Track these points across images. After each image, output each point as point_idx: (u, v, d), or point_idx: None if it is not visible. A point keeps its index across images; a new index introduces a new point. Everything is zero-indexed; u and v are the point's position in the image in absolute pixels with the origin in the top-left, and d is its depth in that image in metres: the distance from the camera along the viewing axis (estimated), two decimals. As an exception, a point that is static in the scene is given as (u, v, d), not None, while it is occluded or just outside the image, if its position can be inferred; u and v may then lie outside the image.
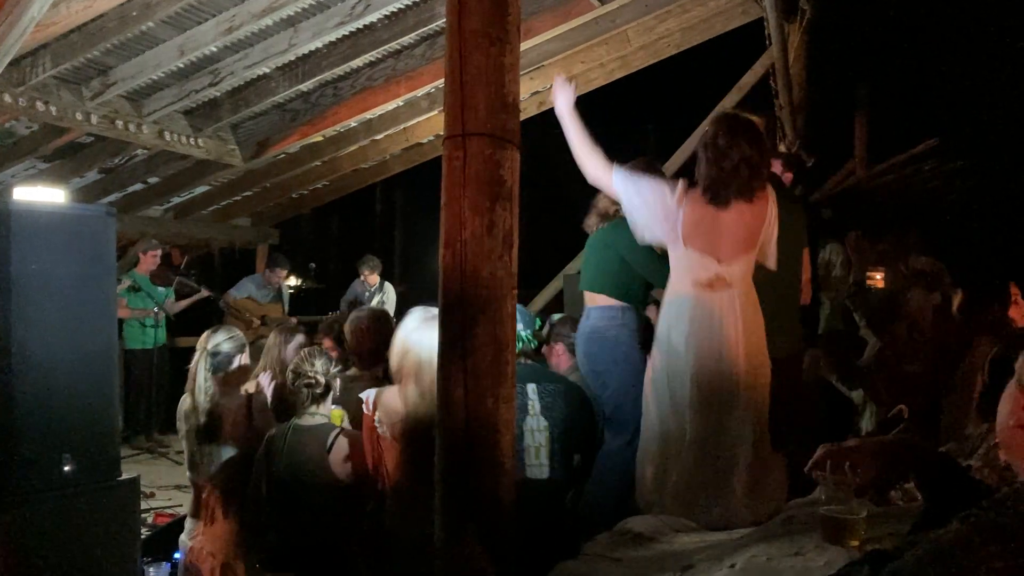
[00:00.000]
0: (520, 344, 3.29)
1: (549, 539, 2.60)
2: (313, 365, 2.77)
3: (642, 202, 2.96)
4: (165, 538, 3.80)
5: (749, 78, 6.85)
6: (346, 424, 3.07)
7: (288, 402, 2.93)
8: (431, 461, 2.15)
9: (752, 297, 2.99)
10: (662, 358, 3.01)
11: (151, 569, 3.32)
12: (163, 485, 5.27)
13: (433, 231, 2.29)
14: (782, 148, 6.68)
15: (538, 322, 3.94)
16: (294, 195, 8.60)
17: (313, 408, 2.78)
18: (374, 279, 7.91)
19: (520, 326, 3.32)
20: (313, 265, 11.16)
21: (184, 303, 7.24)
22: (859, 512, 1.42)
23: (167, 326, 7.02)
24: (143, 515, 4.42)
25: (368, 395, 2.65)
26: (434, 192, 2.23)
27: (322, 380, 2.76)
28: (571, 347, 3.99)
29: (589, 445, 3.51)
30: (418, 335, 2.59)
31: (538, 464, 3.22)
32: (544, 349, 4.05)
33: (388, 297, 7.89)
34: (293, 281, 19.72)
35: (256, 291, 7.43)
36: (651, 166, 3.51)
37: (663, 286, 3.23)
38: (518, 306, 3.50)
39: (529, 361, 3.40)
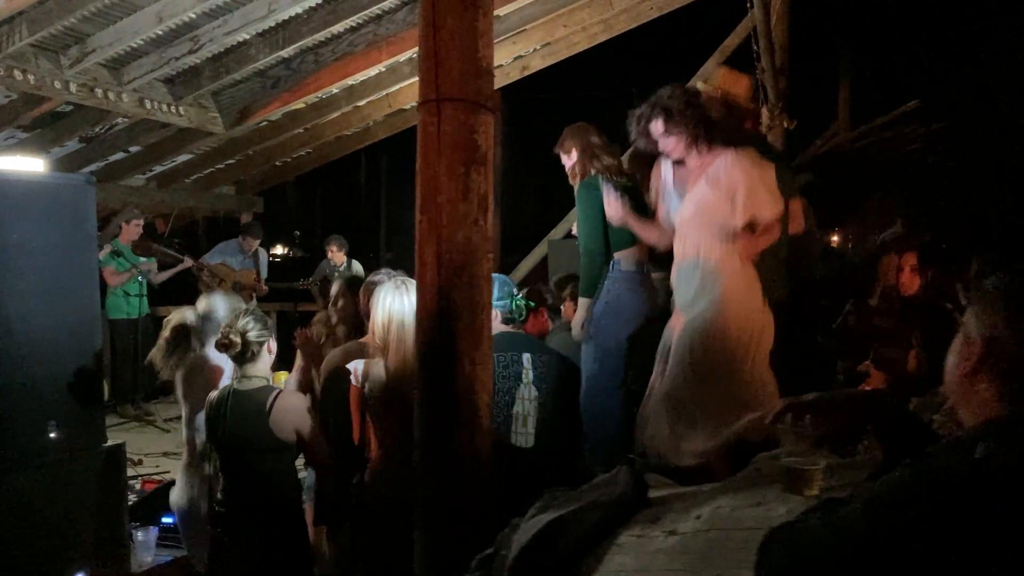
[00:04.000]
0: (518, 313, 3.34)
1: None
2: (235, 326, 2.72)
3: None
4: (153, 503, 3.85)
5: (732, 40, 6.85)
6: (292, 385, 3.10)
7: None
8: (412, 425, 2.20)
9: (741, 253, 3.11)
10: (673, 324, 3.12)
11: (139, 533, 3.37)
12: (150, 452, 5.31)
13: None
14: (764, 111, 6.70)
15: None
16: (277, 163, 8.56)
17: (250, 370, 2.75)
18: (341, 257, 7.93)
19: (517, 295, 3.37)
20: (298, 233, 11.14)
21: (167, 273, 7.23)
22: (819, 463, 1.47)
23: (148, 296, 7.02)
24: (131, 482, 4.47)
25: (355, 366, 2.68)
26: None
27: (237, 340, 2.71)
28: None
29: (574, 418, 3.54)
30: (398, 304, 2.63)
31: (524, 432, 3.27)
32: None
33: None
34: (281, 250, 19.71)
35: (230, 257, 7.43)
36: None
37: (588, 254, 3.49)
38: (503, 276, 3.56)
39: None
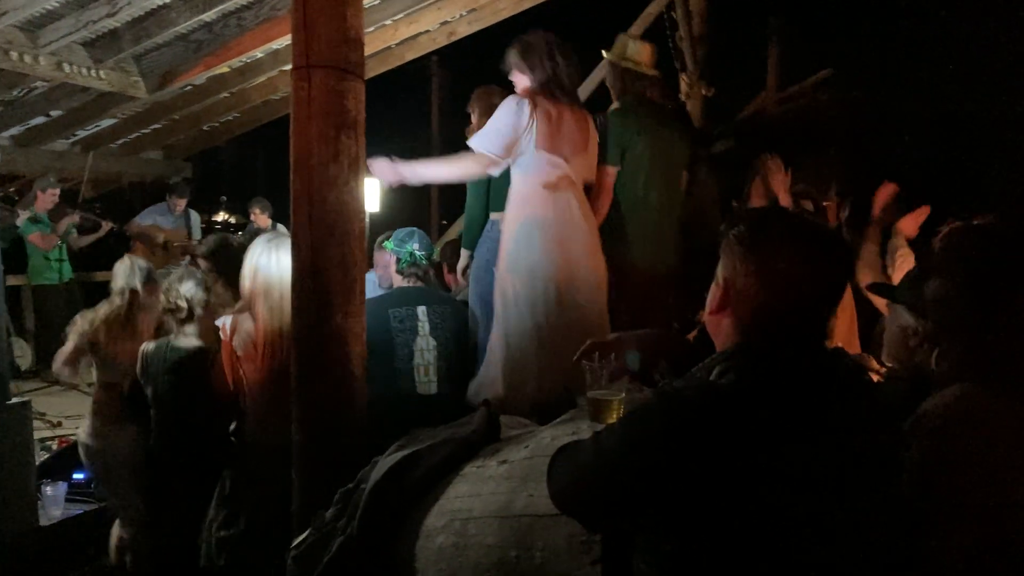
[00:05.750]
0: (414, 266, 3.48)
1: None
2: (177, 289, 2.88)
3: (498, 135, 3.22)
4: (64, 461, 3.95)
5: (653, 8, 6.99)
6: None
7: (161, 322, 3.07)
8: (284, 375, 2.35)
9: (585, 199, 3.35)
10: (513, 277, 3.27)
11: (48, 488, 3.48)
12: (71, 415, 5.38)
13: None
14: (683, 79, 6.88)
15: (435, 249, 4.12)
16: (205, 127, 8.52)
17: (188, 329, 2.91)
18: (265, 220, 7.97)
19: (416, 246, 3.51)
20: (224, 198, 11.11)
21: (90, 238, 7.24)
22: (619, 394, 1.65)
23: (70, 261, 7.02)
24: (48, 442, 4.57)
25: (224, 321, 2.81)
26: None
27: (183, 305, 2.88)
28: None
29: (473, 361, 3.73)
30: (265, 258, 2.74)
31: (427, 381, 3.43)
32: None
33: None
34: (222, 216, 19.49)
35: (160, 218, 7.45)
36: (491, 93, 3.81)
37: (470, 211, 3.71)
38: (418, 231, 3.71)
39: (420, 284, 3.60)
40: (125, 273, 3.38)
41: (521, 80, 3.36)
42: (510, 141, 3.21)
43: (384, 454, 2.10)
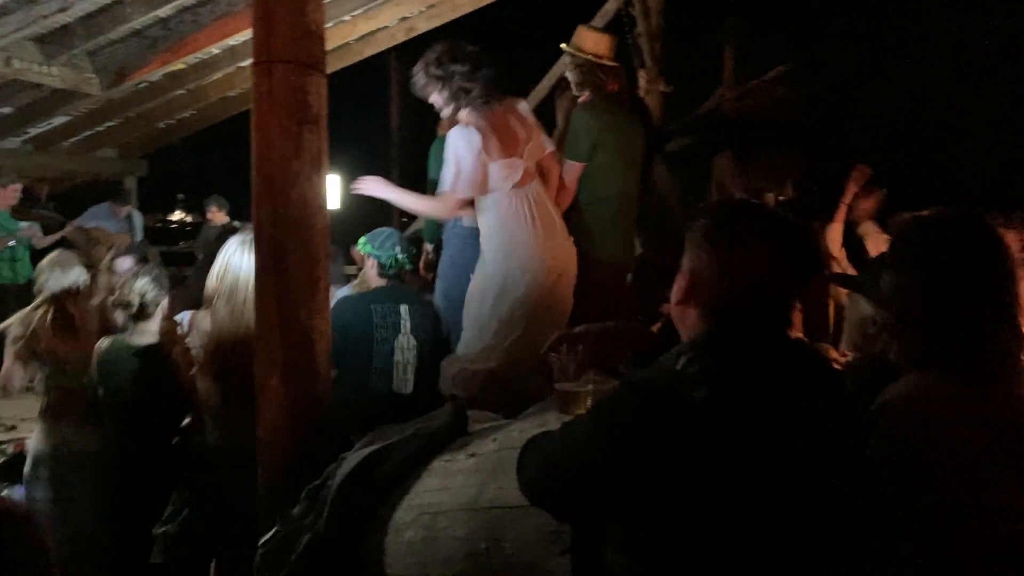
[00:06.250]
0: (395, 266, 3.48)
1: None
2: (131, 286, 2.86)
3: (466, 178, 3.27)
4: (21, 464, 3.86)
5: (611, 4, 7.03)
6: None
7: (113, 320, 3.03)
8: (241, 376, 2.33)
9: (548, 193, 3.43)
10: (485, 280, 3.30)
11: (3, 492, 3.40)
12: (26, 418, 5.26)
13: None
14: (641, 75, 6.93)
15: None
16: (161, 125, 8.40)
17: (143, 327, 2.88)
18: (222, 218, 7.89)
19: (399, 250, 3.51)
20: (181, 196, 10.96)
21: (53, 237, 7.09)
22: (587, 386, 1.67)
23: (30, 260, 6.88)
24: (3, 445, 4.47)
25: (182, 317, 2.78)
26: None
27: (135, 301, 2.84)
28: None
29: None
30: (237, 258, 2.71)
31: (405, 379, 3.44)
32: None
33: None
34: (178, 215, 19.16)
35: (104, 221, 7.33)
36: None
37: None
38: (394, 231, 3.70)
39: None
40: (56, 272, 3.33)
41: (438, 103, 3.39)
42: (480, 177, 3.27)
43: (351, 450, 2.09)
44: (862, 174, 4.32)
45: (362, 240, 3.55)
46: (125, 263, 3.62)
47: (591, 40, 4.10)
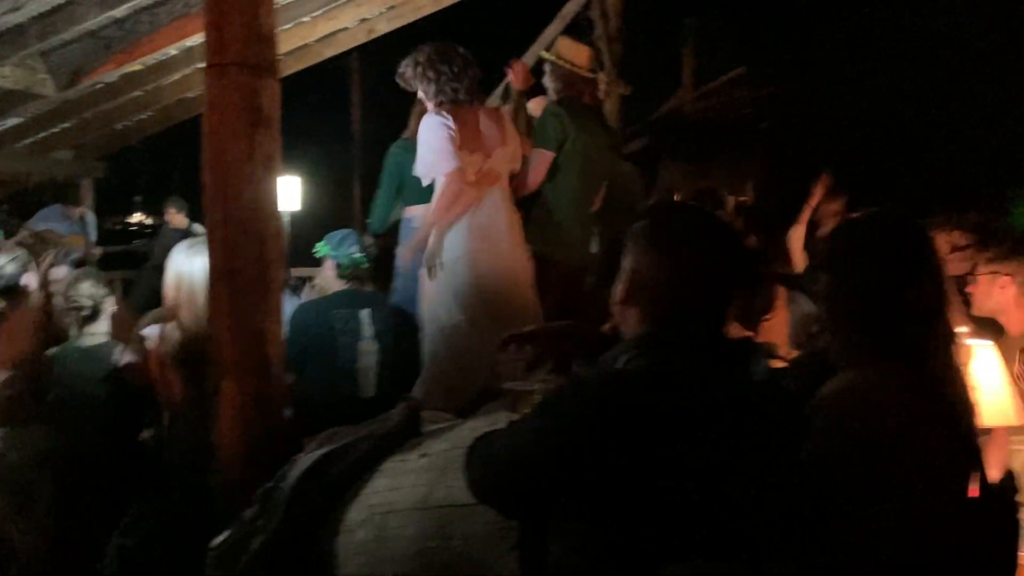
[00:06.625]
0: (353, 266, 3.48)
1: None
2: (79, 289, 2.85)
3: (442, 154, 3.29)
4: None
5: (571, 7, 7.09)
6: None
7: (59, 325, 3.01)
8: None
9: (510, 195, 3.46)
10: (443, 278, 3.31)
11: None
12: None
13: (284, 158, 2.43)
14: (601, 77, 6.99)
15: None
16: (118, 126, 8.27)
17: (91, 328, 2.87)
18: (180, 220, 7.80)
19: (355, 250, 3.50)
20: (138, 198, 10.83)
21: (11, 242, 6.97)
22: (535, 385, 1.70)
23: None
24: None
25: (151, 330, 2.76)
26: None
27: (88, 303, 2.85)
28: None
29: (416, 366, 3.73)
30: (188, 264, 2.71)
31: (368, 384, 3.45)
32: None
33: None
34: (137, 217, 18.92)
35: (55, 223, 7.22)
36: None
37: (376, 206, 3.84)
38: (351, 231, 3.70)
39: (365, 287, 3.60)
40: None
41: (424, 96, 3.43)
42: (454, 149, 3.29)
43: (303, 452, 2.10)
44: (826, 181, 4.41)
45: (320, 243, 3.55)
46: (61, 271, 3.57)
47: (572, 51, 4.22)
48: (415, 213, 3.68)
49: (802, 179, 4.60)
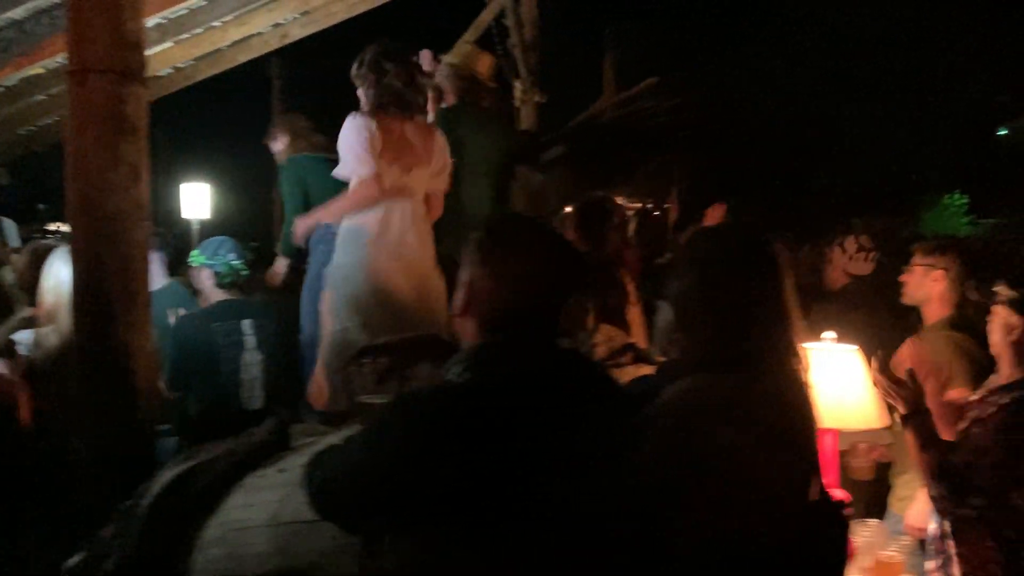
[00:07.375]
0: (231, 274, 3.39)
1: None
2: None
3: (358, 159, 3.18)
4: None
5: (486, 16, 7.11)
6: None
7: None
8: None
9: (423, 212, 3.32)
10: (341, 285, 3.24)
11: None
12: None
13: (197, 164, 2.35)
14: (516, 85, 7.03)
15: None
16: (21, 132, 8.01)
17: None
18: None
19: (232, 256, 3.41)
20: (42, 206, 10.50)
21: None
22: (384, 397, 1.69)
23: None
24: None
25: (24, 336, 2.67)
26: (193, 126, 2.29)
27: None
28: None
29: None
30: (67, 271, 2.63)
31: (253, 395, 3.37)
32: None
33: None
34: (56, 226, 18.28)
35: None
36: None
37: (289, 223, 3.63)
38: (227, 238, 3.60)
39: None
40: None
41: (361, 96, 3.33)
42: (372, 153, 3.18)
43: (165, 467, 2.05)
44: (720, 211, 4.48)
45: (194, 252, 3.46)
46: None
47: (473, 58, 4.20)
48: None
49: (707, 190, 4.65)
